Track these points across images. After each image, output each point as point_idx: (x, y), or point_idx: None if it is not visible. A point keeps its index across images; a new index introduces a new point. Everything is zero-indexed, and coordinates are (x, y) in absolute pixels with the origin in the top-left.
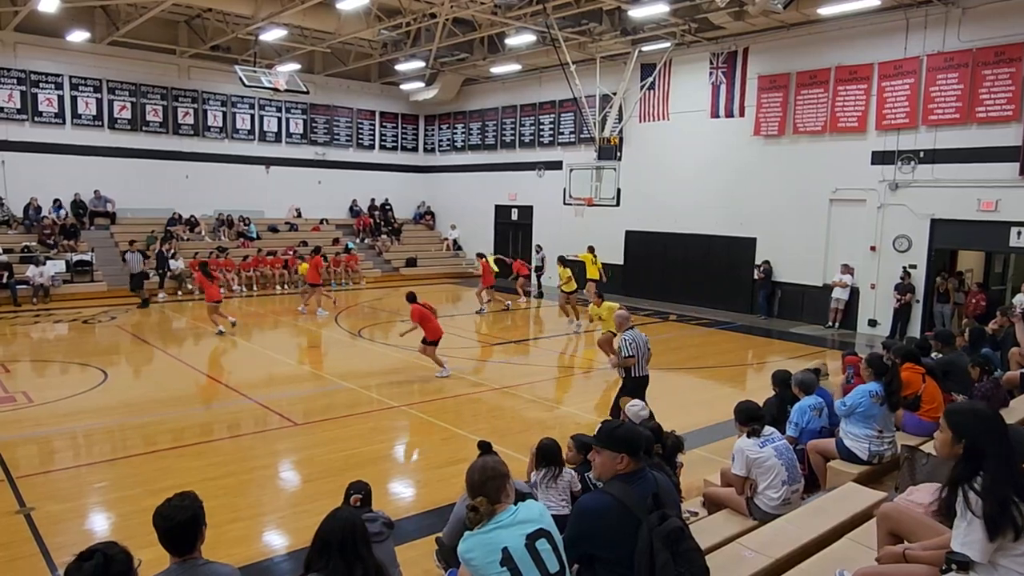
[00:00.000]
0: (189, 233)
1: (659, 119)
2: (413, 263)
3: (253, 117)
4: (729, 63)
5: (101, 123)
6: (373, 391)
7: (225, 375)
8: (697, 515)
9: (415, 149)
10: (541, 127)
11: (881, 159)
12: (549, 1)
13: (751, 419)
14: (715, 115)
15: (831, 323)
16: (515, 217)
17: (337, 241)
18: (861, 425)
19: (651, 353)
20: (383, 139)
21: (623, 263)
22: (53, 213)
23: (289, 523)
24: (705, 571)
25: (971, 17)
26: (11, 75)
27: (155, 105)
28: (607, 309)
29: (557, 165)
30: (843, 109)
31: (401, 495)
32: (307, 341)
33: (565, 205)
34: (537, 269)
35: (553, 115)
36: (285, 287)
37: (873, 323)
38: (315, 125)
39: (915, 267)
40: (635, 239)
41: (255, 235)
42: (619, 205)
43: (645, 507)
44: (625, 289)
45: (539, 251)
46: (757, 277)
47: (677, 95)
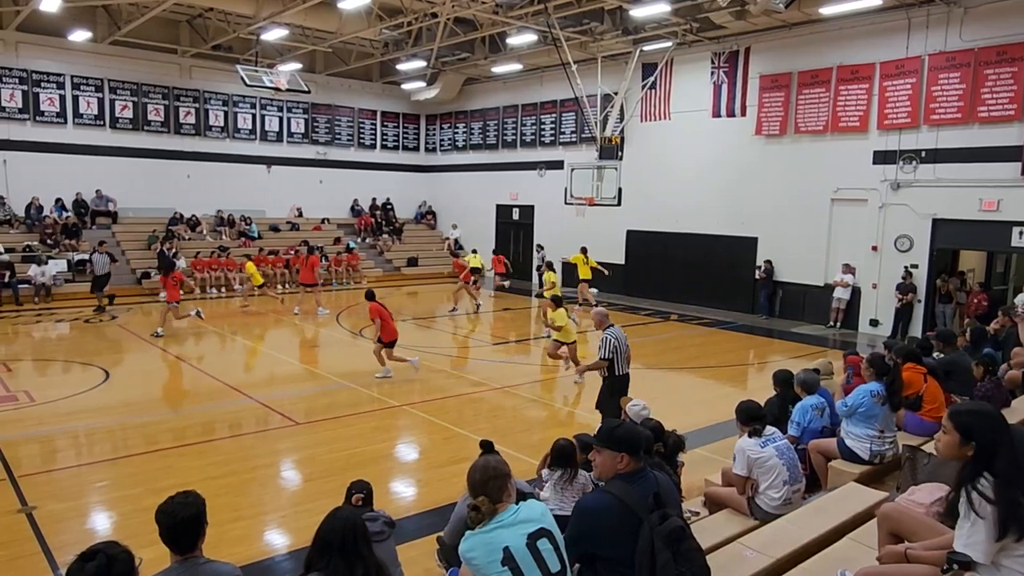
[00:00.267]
0: (191, 232)
1: (660, 119)
2: (414, 263)
3: (255, 117)
4: (731, 63)
5: (103, 123)
6: (374, 390)
7: (226, 374)
8: (698, 515)
9: (416, 149)
10: (542, 127)
11: (883, 159)
12: (550, 0)
13: (752, 419)
14: (716, 115)
15: (832, 323)
16: (516, 217)
17: (338, 240)
18: (862, 425)
19: (630, 350)
20: (384, 138)
21: (624, 263)
22: (55, 213)
23: (290, 522)
24: (706, 570)
25: (973, 17)
26: (13, 75)
27: (157, 105)
28: (561, 316)
29: (558, 165)
30: (845, 109)
31: (402, 494)
32: (309, 340)
33: (566, 205)
34: (538, 268)
35: (554, 115)
36: (287, 286)
37: (875, 323)
38: (316, 125)
39: (917, 267)
40: (636, 239)
41: (257, 234)
42: (620, 205)
43: (646, 506)
44: (626, 289)
45: (540, 250)
46: (758, 277)
47: (678, 95)
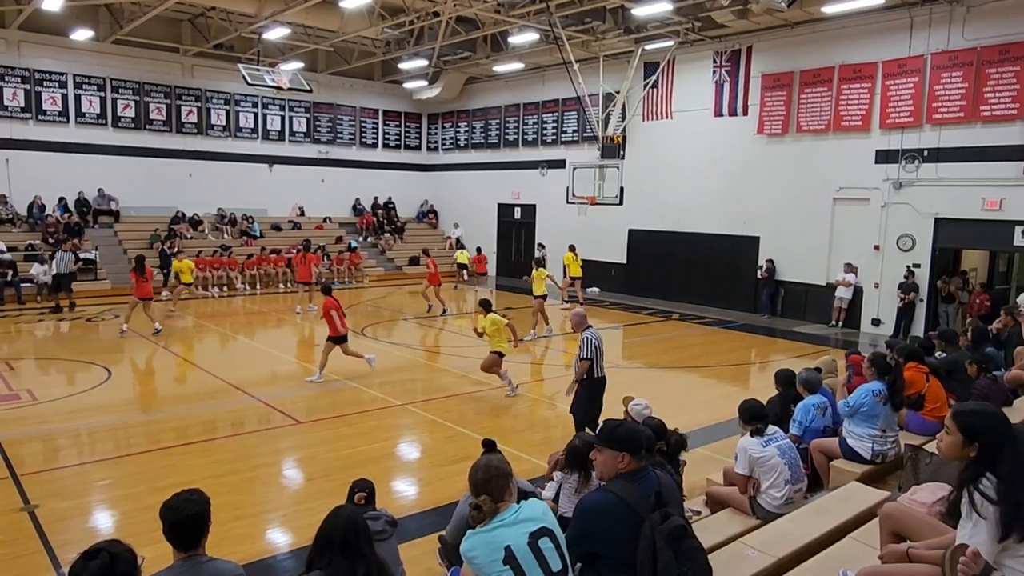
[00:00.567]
0: (192, 231)
1: (662, 118)
2: (416, 262)
3: (256, 116)
4: (733, 61)
5: (105, 121)
6: (376, 389)
7: (228, 373)
8: (700, 514)
9: (418, 147)
10: (544, 126)
11: (885, 158)
12: None
13: (755, 418)
14: (718, 114)
15: (834, 322)
16: (518, 216)
17: (340, 239)
18: (864, 424)
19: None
20: (386, 137)
21: (626, 262)
22: (58, 211)
23: (292, 521)
24: (707, 570)
25: (976, 15)
26: (15, 74)
27: (159, 104)
28: (492, 322)
29: (560, 164)
30: (847, 108)
31: (404, 493)
32: (311, 339)
33: (568, 204)
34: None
35: (556, 113)
36: (288, 285)
37: (877, 322)
38: (318, 123)
39: (919, 266)
40: (638, 238)
41: (259, 233)
42: (622, 204)
43: (648, 505)
44: (628, 288)
45: (541, 249)
46: (760, 276)
47: (680, 94)
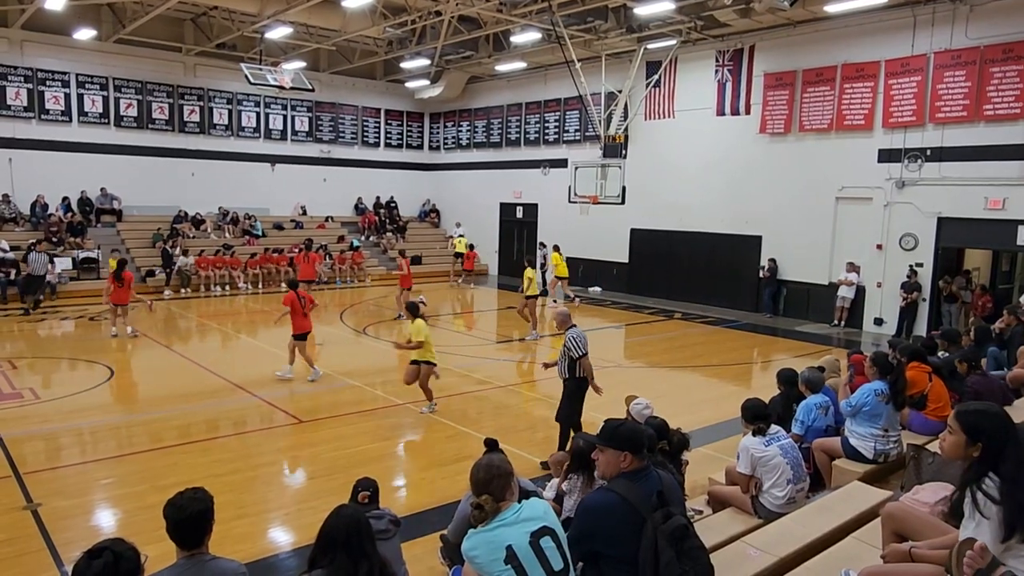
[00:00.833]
0: (195, 231)
1: (664, 117)
2: (418, 261)
3: (259, 115)
4: (735, 61)
5: (107, 121)
6: (378, 388)
7: (230, 372)
8: (702, 513)
9: (420, 147)
10: (546, 125)
11: (888, 157)
12: None
13: (757, 417)
14: (721, 113)
15: (837, 321)
16: (520, 215)
17: (342, 239)
18: (867, 424)
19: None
20: (388, 137)
21: (628, 261)
22: (61, 211)
23: (294, 520)
24: (709, 569)
25: (979, 14)
26: (18, 73)
27: (161, 103)
28: (418, 329)
29: (562, 163)
30: (849, 107)
31: (405, 492)
32: (312, 338)
33: (570, 203)
34: (541, 266)
35: (558, 113)
36: None
37: (879, 322)
38: (320, 123)
39: (921, 265)
40: (640, 237)
41: (261, 233)
42: (624, 203)
43: (649, 505)
44: (630, 287)
45: (543, 248)
46: (763, 275)
47: (683, 93)
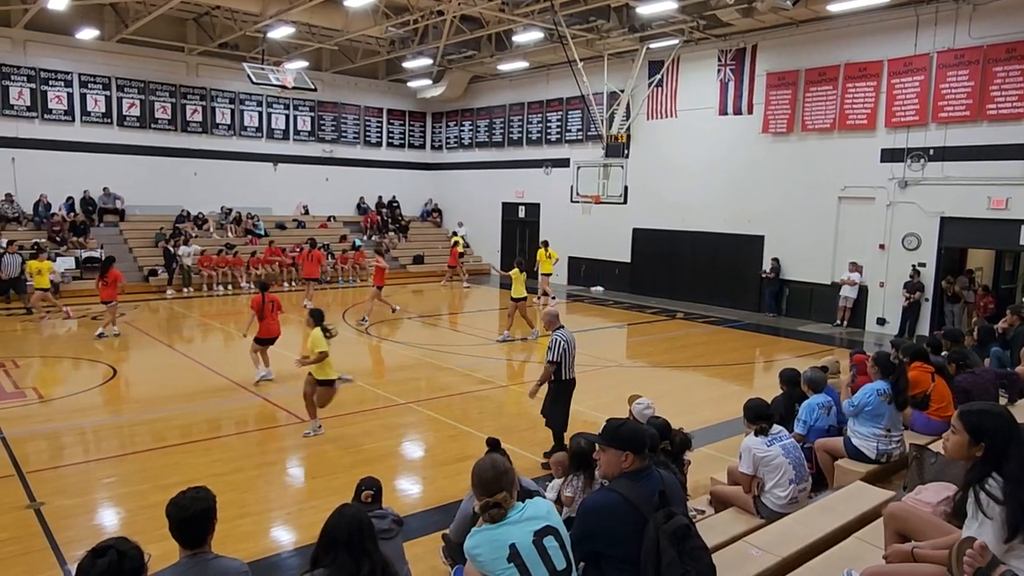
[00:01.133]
0: (197, 230)
1: (667, 116)
2: (420, 260)
3: (261, 114)
4: (737, 60)
5: (110, 120)
6: (380, 388)
7: (232, 371)
8: (704, 513)
9: (422, 146)
10: (548, 124)
11: (890, 156)
12: None
13: (759, 417)
14: (723, 112)
15: (839, 321)
16: (522, 215)
17: (345, 238)
18: (869, 424)
19: (575, 353)
20: (390, 136)
21: (630, 261)
22: (63, 210)
23: (296, 519)
24: (711, 569)
25: (982, 14)
26: (21, 73)
27: (164, 102)
28: (315, 340)
29: (564, 163)
30: (852, 106)
31: (408, 492)
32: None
33: (572, 203)
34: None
35: (560, 112)
36: (293, 284)
37: (882, 321)
38: (323, 122)
39: (924, 265)
40: (642, 237)
41: (263, 232)
42: (626, 203)
43: (651, 505)
44: (632, 287)
45: (544, 247)
46: (767, 275)
47: (685, 92)
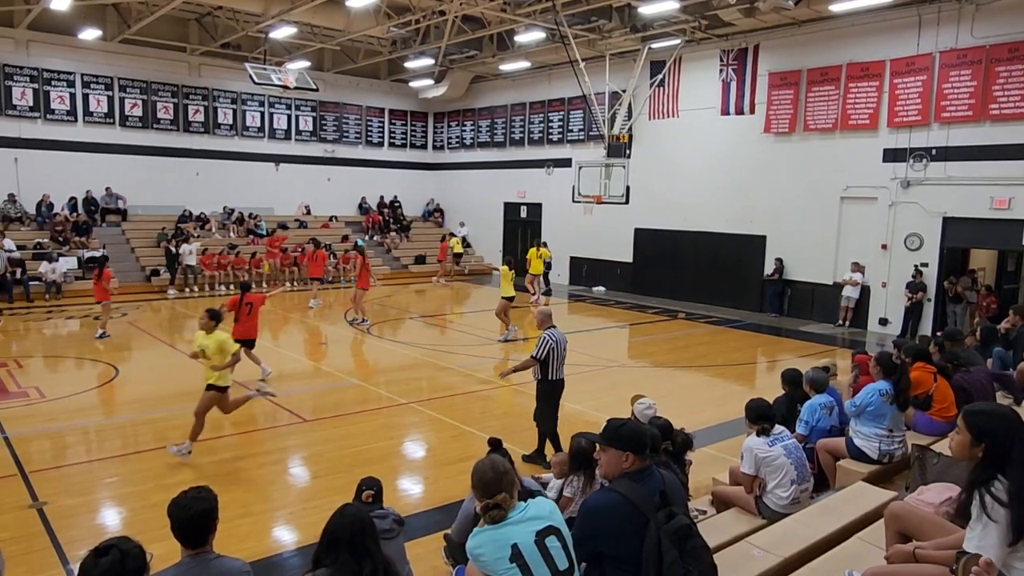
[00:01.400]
0: (199, 230)
1: (669, 116)
2: (422, 260)
3: (263, 114)
4: (739, 60)
5: (112, 120)
6: (382, 388)
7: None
8: (706, 513)
9: (424, 146)
10: (550, 124)
11: (893, 156)
12: None
13: (761, 418)
14: (725, 112)
15: (841, 321)
16: (524, 215)
17: (346, 238)
18: (871, 424)
19: (566, 354)
20: (392, 136)
21: (632, 261)
22: (66, 210)
23: (298, 519)
24: (713, 569)
25: (984, 13)
26: (24, 73)
27: (166, 103)
28: (216, 343)
29: (566, 163)
30: (854, 106)
31: (410, 492)
32: (317, 336)
33: (574, 203)
34: (546, 265)
35: (562, 112)
36: (295, 284)
37: (884, 322)
38: (324, 122)
39: (927, 265)
40: (644, 237)
41: (265, 232)
42: (628, 203)
43: (653, 505)
44: (634, 287)
45: (545, 247)
46: (770, 275)
47: (687, 92)
